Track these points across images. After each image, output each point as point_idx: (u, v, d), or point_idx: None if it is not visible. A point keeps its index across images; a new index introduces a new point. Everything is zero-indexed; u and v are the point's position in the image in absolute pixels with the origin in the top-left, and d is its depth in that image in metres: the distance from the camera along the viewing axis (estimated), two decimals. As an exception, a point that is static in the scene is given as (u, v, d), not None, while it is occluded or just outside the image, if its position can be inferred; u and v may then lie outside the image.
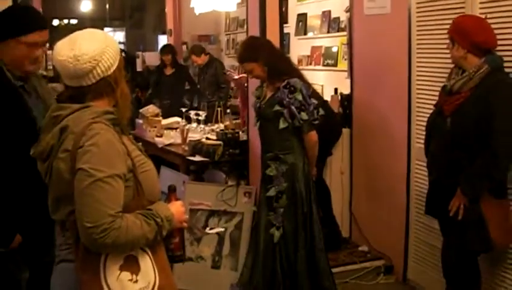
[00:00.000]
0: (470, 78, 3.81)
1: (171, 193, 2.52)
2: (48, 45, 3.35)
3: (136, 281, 2.27)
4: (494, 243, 3.86)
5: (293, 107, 4.35)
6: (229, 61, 11.53)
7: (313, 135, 4.49)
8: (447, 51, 4.40)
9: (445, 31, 4.45)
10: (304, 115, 4.37)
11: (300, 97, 4.36)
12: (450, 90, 3.93)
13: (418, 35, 4.93)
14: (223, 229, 5.09)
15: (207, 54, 9.73)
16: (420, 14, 4.88)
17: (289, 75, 4.46)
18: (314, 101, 4.48)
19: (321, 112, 4.50)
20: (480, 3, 4.24)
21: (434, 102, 4.54)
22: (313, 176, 4.66)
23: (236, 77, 5.90)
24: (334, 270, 5.20)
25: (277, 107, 4.42)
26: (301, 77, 4.60)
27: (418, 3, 4.89)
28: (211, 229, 4.80)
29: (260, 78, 4.65)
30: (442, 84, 4.35)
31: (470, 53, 3.85)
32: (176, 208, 2.43)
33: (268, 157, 4.54)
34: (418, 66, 4.96)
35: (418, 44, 4.94)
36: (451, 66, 4.08)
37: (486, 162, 3.73)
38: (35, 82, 3.38)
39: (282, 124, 4.42)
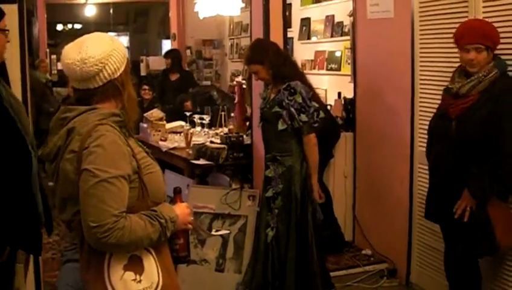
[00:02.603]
0: (480, 81, 3.80)
1: (176, 195, 2.54)
2: (6, 31, 3.44)
3: (140, 281, 2.29)
4: (499, 245, 3.86)
5: (292, 109, 4.39)
6: (233, 66, 11.55)
7: (313, 138, 4.51)
8: (450, 55, 4.43)
9: (448, 35, 4.48)
10: (304, 117, 4.40)
11: (300, 99, 4.40)
12: (457, 93, 3.89)
13: (421, 39, 4.95)
14: (228, 232, 5.10)
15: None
16: (423, 18, 4.91)
17: (292, 79, 4.49)
18: (315, 104, 4.50)
19: (321, 114, 4.53)
20: (484, 7, 4.26)
21: (437, 106, 4.55)
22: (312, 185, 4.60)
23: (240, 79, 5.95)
24: (337, 273, 5.23)
25: (276, 109, 4.47)
26: (305, 81, 4.63)
27: (421, 7, 4.92)
28: (216, 231, 4.81)
29: (265, 81, 4.69)
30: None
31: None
32: (181, 210, 2.45)
33: (267, 158, 4.60)
34: (421, 70, 4.98)
35: (421, 48, 4.96)
36: (454, 69, 4.08)
37: (497, 165, 3.72)
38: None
39: (280, 126, 4.47)
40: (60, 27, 14.71)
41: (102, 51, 2.33)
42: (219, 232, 3.31)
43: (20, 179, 3.18)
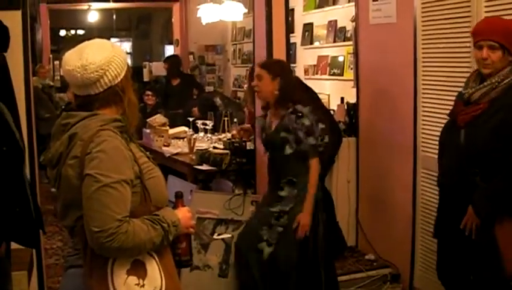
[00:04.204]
0: (493, 88, 3.47)
1: (178, 199, 2.56)
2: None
3: (143, 285, 2.30)
4: (507, 273, 3.42)
5: (300, 133, 4.31)
6: (236, 71, 11.56)
7: (316, 162, 4.38)
8: (453, 60, 4.42)
9: (451, 40, 4.49)
10: (311, 140, 4.33)
11: (307, 122, 4.33)
12: (468, 100, 3.57)
13: (423, 44, 4.95)
14: (230, 236, 5.10)
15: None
16: (426, 23, 4.90)
17: (296, 103, 4.42)
18: (322, 125, 4.41)
19: (326, 139, 4.40)
20: (486, 12, 4.26)
21: (440, 111, 4.55)
22: (305, 227, 4.38)
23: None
24: (340, 278, 5.19)
25: (283, 134, 4.36)
26: (319, 106, 4.53)
27: (423, 12, 4.92)
28: (218, 235, 4.81)
29: (262, 95, 4.56)
30: (447, 93, 4.35)
31: None
32: (183, 214, 2.46)
33: (283, 182, 4.42)
34: (423, 75, 4.98)
35: (424, 53, 4.96)
36: (457, 74, 4.04)
37: (506, 182, 3.40)
38: None
39: (287, 150, 4.36)
40: (63, 33, 14.74)
41: (103, 57, 2.35)
42: (221, 236, 3.32)
43: (12, 174, 3.21)
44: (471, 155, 3.52)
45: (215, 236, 5.01)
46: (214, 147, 6.23)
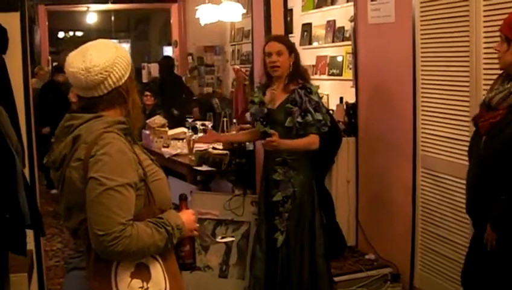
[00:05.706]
0: (511, 92, 3.21)
1: (182, 202, 2.54)
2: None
3: (147, 288, 2.28)
4: None
5: (308, 105, 4.33)
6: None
7: (317, 139, 4.40)
8: (452, 59, 4.41)
9: (450, 39, 4.49)
10: (319, 115, 4.35)
11: (316, 98, 4.38)
12: (488, 105, 3.32)
13: (422, 43, 4.96)
14: (233, 239, 5.09)
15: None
16: (424, 22, 4.91)
17: (307, 81, 4.48)
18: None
19: (329, 123, 4.48)
20: (484, 11, 4.26)
21: (439, 110, 4.55)
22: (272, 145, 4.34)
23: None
24: (340, 278, 5.22)
25: (288, 105, 4.37)
26: None
27: (422, 11, 4.92)
28: (222, 238, 4.80)
29: (281, 70, 4.48)
30: (447, 92, 4.34)
31: None
32: (187, 217, 2.45)
33: (276, 162, 4.45)
34: (422, 74, 4.98)
35: (423, 52, 4.96)
36: (456, 73, 4.00)
37: None
38: None
39: (288, 123, 4.37)
40: (61, 34, 14.73)
41: (107, 59, 2.32)
42: (224, 240, 3.29)
43: (3, 181, 3.20)
44: (488, 165, 3.30)
45: (218, 239, 4.98)
46: (214, 148, 6.22)
